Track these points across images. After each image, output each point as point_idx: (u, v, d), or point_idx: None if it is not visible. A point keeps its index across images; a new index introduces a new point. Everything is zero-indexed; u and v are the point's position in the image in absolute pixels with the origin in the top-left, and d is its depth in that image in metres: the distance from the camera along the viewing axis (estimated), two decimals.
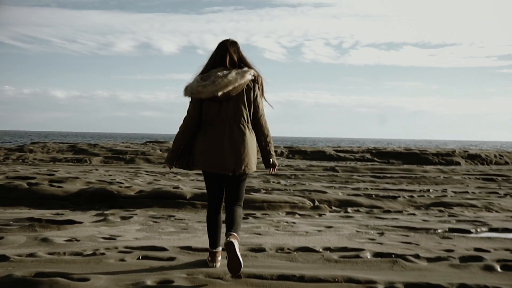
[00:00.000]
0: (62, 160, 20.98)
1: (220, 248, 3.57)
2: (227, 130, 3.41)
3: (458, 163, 22.96)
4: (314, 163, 20.82)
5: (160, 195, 6.68)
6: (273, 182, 10.55)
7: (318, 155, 23.75)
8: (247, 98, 3.47)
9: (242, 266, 3.29)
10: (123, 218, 5.74)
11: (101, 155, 22.96)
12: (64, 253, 3.92)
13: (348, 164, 20.45)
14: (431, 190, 10.17)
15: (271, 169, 3.60)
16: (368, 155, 23.55)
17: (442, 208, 7.37)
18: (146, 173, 15.82)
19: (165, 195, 6.68)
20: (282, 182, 10.83)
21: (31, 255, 3.85)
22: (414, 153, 23.84)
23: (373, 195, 8.79)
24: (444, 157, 23.53)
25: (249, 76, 3.44)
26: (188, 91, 3.42)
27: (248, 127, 3.48)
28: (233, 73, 3.39)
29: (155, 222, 5.57)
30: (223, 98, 3.39)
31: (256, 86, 3.52)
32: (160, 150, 24.35)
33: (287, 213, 6.53)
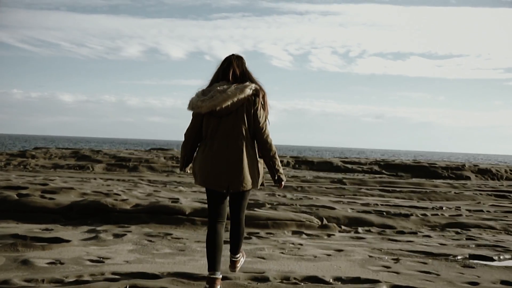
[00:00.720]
0: (64, 167, 20.63)
1: (219, 274, 3.39)
2: (225, 146, 3.37)
3: (468, 178, 22.41)
4: (321, 174, 20.36)
5: (158, 210, 6.25)
6: (279, 195, 10.11)
7: (325, 166, 23.28)
8: (247, 113, 3.41)
9: None
10: (116, 236, 5.31)
11: (104, 162, 22.59)
12: (43, 280, 3.49)
13: (355, 176, 19.96)
14: (444, 208, 9.69)
15: (279, 184, 3.53)
16: (376, 167, 23.05)
17: (458, 230, 6.89)
18: (147, 183, 15.43)
19: (163, 210, 6.24)
20: (288, 195, 10.38)
21: (5, 282, 3.42)
22: (423, 166, 23.32)
23: (384, 213, 8.32)
24: (453, 171, 22.99)
25: (248, 91, 3.38)
26: (190, 105, 3.43)
27: (247, 143, 3.41)
28: (232, 88, 3.36)
29: (150, 241, 5.13)
30: (222, 113, 3.37)
31: (257, 100, 3.43)
32: (164, 158, 23.96)
33: (294, 232, 6.08)
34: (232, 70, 3.48)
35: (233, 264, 3.68)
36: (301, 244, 5.29)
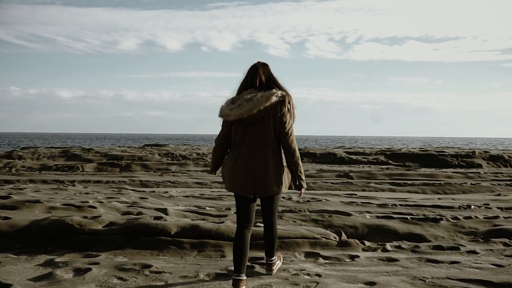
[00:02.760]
0: (52, 168, 19.34)
1: (244, 276, 3.58)
2: (251, 153, 3.53)
3: (480, 166, 21.18)
4: (324, 167, 19.10)
5: (136, 230, 5.00)
6: (283, 198, 8.87)
7: (328, 158, 22.03)
8: (274, 120, 3.54)
9: None
10: (77, 272, 4.06)
11: (95, 161, 21.28)
12: None
13: (362, 168, 18.70)
14: (472, 207, 8.46)
15: (299, 191, 3.69)
16: (382, 158, 21.81)
17: (506, 240, 5.65)
18: (137, 184, 14.19)
19: (143, 230, 4.99)
20: (294, 197, 9.15)
21: None
22: (431, 154, 22.08)
23: (408, 217, 7.08)
24: (464, 159, 21.76)
25: (274, 98, 3.50)
26: (220, 113, 3.60)
27: (273, 149, 3.57)
28: (259, 96, 3.49)
29: (121, 279, 3.89)
30: (249, 121, 3.53)
31: (283, 106, 3.55)
32: (159, 155, 22.66)
33: (307, 254, 4.84)
34: (259, 77, 3.62)
35: (269, 267, 3.97)
36: (319, 275, 4.05)
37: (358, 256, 4.75)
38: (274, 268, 3.97)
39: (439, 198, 10.12)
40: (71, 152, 22.65)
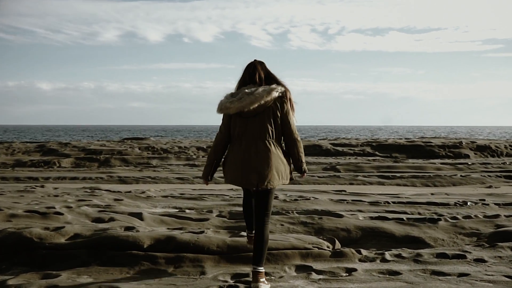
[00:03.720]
0: (27, 164, 18.48)
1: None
2: (253, 146, 3.57)
3: (467, 156, 20.88)
4: (310, 159, 18.59)
5: (104, 244, 4.40)
6: None
7: (314, 149, 21.53)
8: (274, 115, 3.61)
9: None
10: None
11: (72, 155, 20.47)
12: None
13: (348, 160, 18.23)
14: (468, 203, 8.01)
15: (302, 174, 3.79)
16: (368, 149, 21.40)
17: None
18: (116, 182, 13.46)
19: (111, 244, 4.40)
20: (281, 196, 8.60)
21: None
22: (418, 145, 21.73)
23: (404, 218, 6.59)
24: (451, 150, 21.45)
25: (275, 93, 3.58)
26: (219, 107, 3.65)
27: (273, 143, 3.62)
28: (260, 90, 3.56)
29: None
30: (250, 115, 3.59)
31: (284, 102, 3.64)
32: (139, 149, 21.91)
33: (298, 268, 4.29)
34: (258, 73, 3.69)
35: (255, 277, 3.60)
36: None
37: (355, 269, 4.21)
38: (261, 280, 3.57)
39: (432, 194, 9.66)
40: (47, 146, 21.81)
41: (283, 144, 3.74)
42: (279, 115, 3.59)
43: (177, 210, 6.93)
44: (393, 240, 5.93)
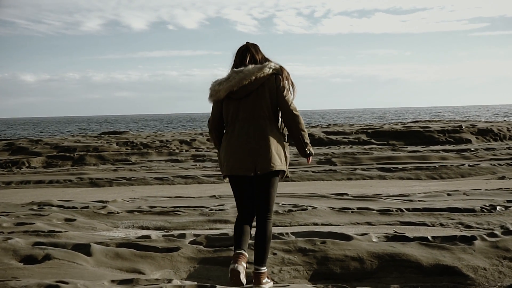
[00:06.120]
0: None
1: (245, 252, 3.31)
2: (247, 128, 3.30)
3: (469, 141, 19.56)
4: None
5: None
6: None
7: None
8: (270, 92, 3.33)
9: None
10: None
11: (43, 154, 18.82)
12: None
13: (343, 150, 16.82)
14: (498, 208, 6.63)
15: (307, 158, 3.48)
16: (363, 136, 20.01)
17: None
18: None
19: None
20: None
21: None
22: (417, 131, 20.38)
23: (429, 238, 5.16)
24: (451, 134, 20.13)
25: (267, 70, 3.34)
26: (210, 94, 3.40)
27: (269, 122, 3.34)
28: (250, 67, 3.33)
29: None
30: (241, 95, 3.32)
31: (280, 78, 3.36)
32: (117, 144, 20.31)
33: None
34: (250, 55, 3.43)
35: (257, 279, 3.33)
36: None
37: None
38: (263, 281, 3.33)
39: (448, 194, 8.25)
40: (16, 145, 20.13)
41: (285, 132, 3.43)
42: (274, 92, 3.32)
43: (141, 235, 5.43)
44: (420, 271, 4.52)
